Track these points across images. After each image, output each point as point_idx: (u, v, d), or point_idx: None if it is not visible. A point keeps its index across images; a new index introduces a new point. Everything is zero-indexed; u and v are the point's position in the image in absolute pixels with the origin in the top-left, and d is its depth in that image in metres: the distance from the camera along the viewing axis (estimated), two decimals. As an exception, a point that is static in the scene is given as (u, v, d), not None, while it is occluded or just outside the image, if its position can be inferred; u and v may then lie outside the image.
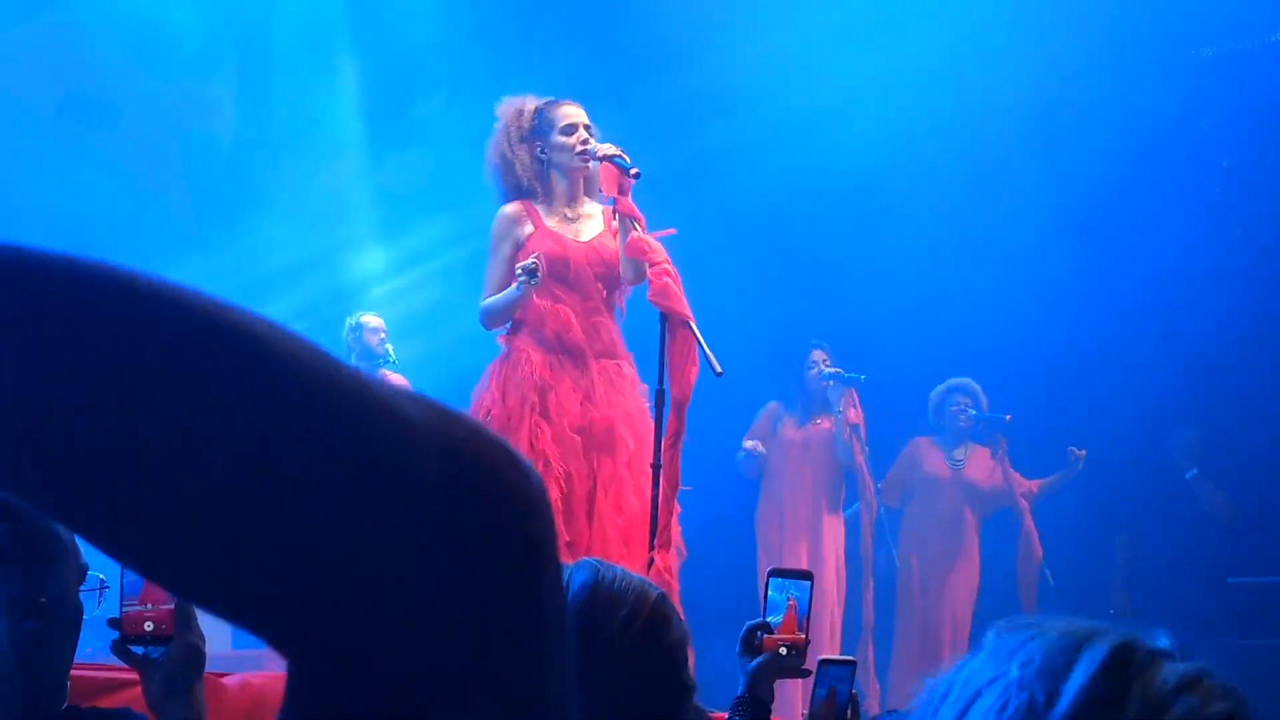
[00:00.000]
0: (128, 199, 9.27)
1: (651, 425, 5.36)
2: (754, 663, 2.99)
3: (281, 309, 9.78)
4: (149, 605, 2.16)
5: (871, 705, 6.84)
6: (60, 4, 8.99)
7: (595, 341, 5.50)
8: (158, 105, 9.57)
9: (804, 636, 3.04)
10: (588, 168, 5.45)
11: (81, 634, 2.07)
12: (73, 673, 2.08)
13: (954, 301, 8.84)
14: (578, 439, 5.41)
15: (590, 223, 5.54)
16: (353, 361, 7.79)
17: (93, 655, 3.60)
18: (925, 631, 7.56)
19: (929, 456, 7.83)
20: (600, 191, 5.38)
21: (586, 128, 5.47)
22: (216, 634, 7.54)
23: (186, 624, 2.15)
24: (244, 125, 10.03)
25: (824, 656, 3.29)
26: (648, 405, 5.43)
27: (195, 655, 2.15)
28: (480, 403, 5.46)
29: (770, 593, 3.11)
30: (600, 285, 5.51)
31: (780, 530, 7.53)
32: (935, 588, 7.60)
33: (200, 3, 9.62)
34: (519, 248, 5.47)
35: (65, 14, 8.98)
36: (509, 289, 5.39)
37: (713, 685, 5.47)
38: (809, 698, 3.11)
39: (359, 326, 8.18)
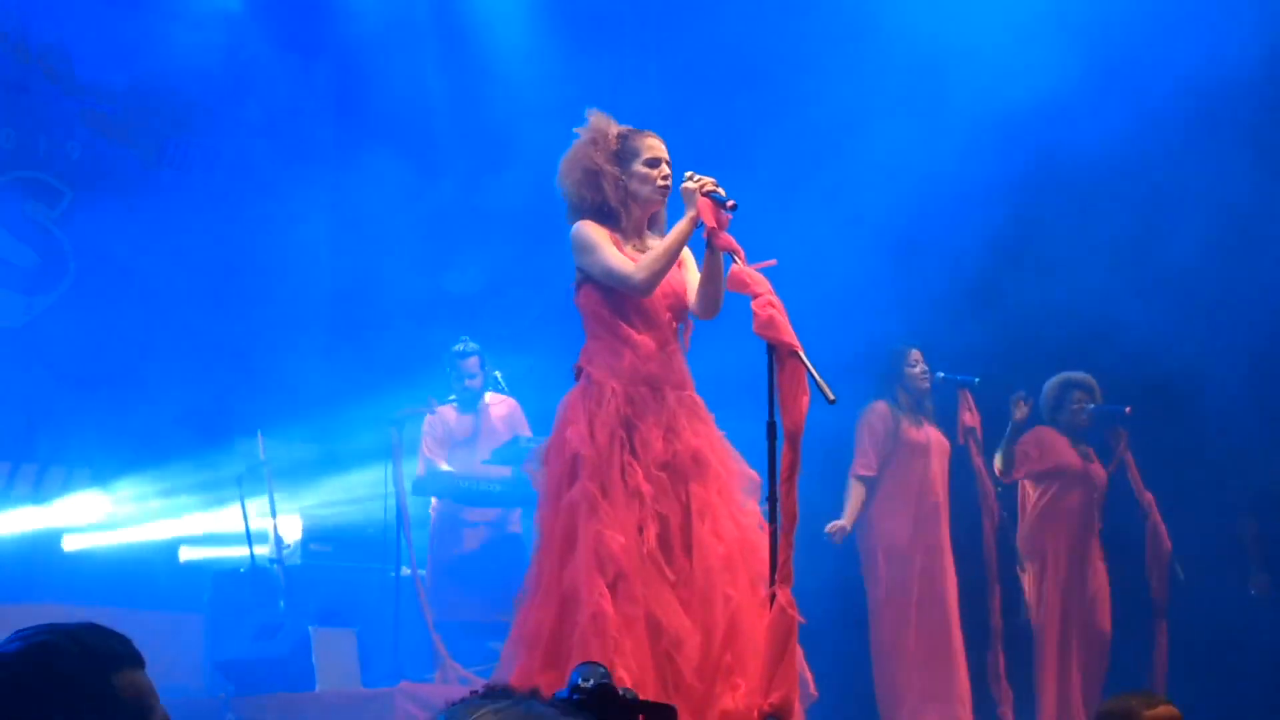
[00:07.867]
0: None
1: (734, 454, 5.37)
2: None
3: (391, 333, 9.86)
4: None
5: (1006, 713, 6.76)
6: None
7: (670, 373, 5.48)
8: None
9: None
10: (664, 203, 5.42)
11: None
12: None
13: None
14: (664, 475, 5.39)
15: None
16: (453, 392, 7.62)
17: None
18: (1085, 634, 7.31)
19: (1059, 445, 7.48)
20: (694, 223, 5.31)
21: (668, 163, 5.43)
22: (348, 670, 7.64)
23: None
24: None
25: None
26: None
27: None
28: (566, 442, 5.44)
29: None
30: (670, 317, 5.51)
31: (908, 529, 7.21)
32: (1077, 583, 7.31)
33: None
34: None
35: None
36: (674, 229, 5.25)
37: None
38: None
39: (452, 357, 8.20)
